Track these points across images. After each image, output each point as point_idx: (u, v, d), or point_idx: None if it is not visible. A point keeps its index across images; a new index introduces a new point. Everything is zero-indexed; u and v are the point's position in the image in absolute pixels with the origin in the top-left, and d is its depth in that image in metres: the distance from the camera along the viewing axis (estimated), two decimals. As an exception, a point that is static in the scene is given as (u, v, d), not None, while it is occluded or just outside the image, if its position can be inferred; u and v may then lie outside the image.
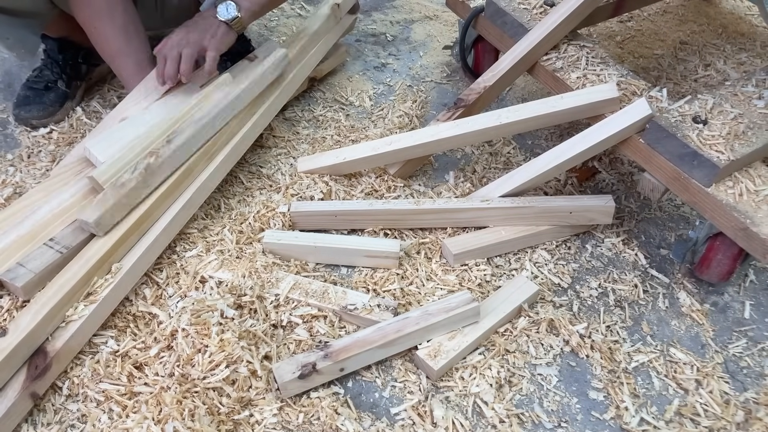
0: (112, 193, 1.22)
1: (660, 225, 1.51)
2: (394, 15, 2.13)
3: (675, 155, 1.27)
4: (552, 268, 1.40)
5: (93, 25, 1.44)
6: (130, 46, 1.46)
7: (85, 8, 1.43)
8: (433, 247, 1.42)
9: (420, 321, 1.21)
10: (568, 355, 1.26)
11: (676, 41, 2.00)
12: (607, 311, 1.34)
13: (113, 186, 1.23)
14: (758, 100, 1.34)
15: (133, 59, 1.46)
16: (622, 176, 1.61)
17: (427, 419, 1.15)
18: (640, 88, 1.41)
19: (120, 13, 1.44)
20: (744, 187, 1.24)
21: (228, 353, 1.14)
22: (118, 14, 1.43)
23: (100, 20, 1.43)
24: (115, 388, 1.13)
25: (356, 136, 1.67)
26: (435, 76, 1.89)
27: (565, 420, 1.17)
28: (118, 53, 1.46)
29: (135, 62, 1.46)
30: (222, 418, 1.09)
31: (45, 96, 1.65)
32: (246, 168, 1.54)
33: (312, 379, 1.14)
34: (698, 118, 1.28)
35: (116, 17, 1.43)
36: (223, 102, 1.40)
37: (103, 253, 1.20)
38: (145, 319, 1.23)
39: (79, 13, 1.45)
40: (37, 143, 1.60)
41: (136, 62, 1.46)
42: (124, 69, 1.47)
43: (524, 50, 1.48)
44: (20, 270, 1.16)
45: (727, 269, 1.32)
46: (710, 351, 1.29)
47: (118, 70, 1.48)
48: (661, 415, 1.18)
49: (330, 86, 1.82)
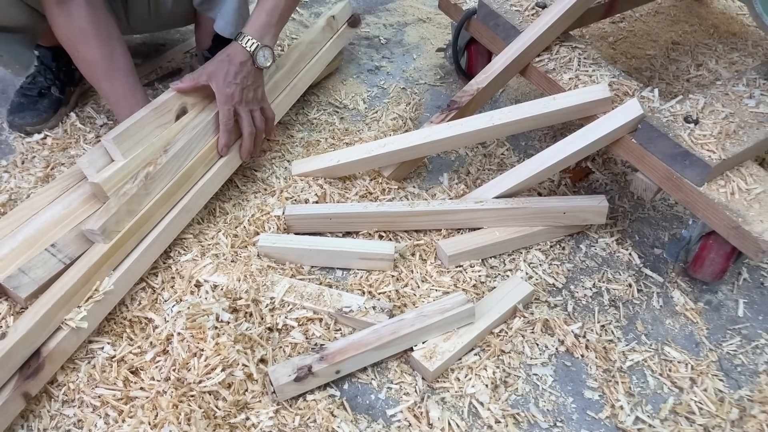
0: (116, 202, 1.23)
1: (654, 224, 1.52)
2: (387, 18, 2.14)
3: (667, 155, 1.28)
4: (546, 269, 1.40)
5: (75, 46, 1.38)
6: (115, 68, 1.40)
7: (65, 26, 1.36)
8: (428, 248, 1.42)
9: (415, 323, 1.21)
10: (563, 355, 1.27)
11: (668, 41, 2.01)
12: (601, 311, 1.34)
13: (116, 195, 1.24)
14: (749, 99, 1.34)
15: (120, 82, 1.41)
16: (615, 176, 1.62)
17: (423, 420, 1.15)
18: (632, 88, 1.42)
19: (103, 30, 1.38)
20: (736, 186, 1.25)
21: (224, 357, 1.15)
22: (101, 32, 1.37)
23: (83, 40, 1.36)
24: (111, 393, 1.13)
25: (350, 139, 1.67)
26: (429, 78, 1.90)
27: (561, 420, 1.18)
28: (104, 77, 1.41)
29: (122, 84, 1.41)
30: (218, 422, 1.10)
31: (39, 102, 1.65)
32: (241, 172, 1.54)
33: (308, 381, 1.15)
34: (690, 118, 1.29)
35: (100, 36, 1.37)
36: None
37: (100, 256, 1.20)
38: (141, 324, 1.23)
39: (59, 31, 1.37)
40: (32, 149, 1.60)
41: (123, 84, 1.42)
42: (111, 93, 1.42)
43: (516, 52, 1.49)
44: (23, 279, 1.17)
45: (720, 268, 1.32)
46: (704, 349, 1.29)
47: (105, 94, 1.43)
48: (656, 414, 1.19)
49: (324, 89, 1.83)
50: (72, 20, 1.35)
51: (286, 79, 1.60)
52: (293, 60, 1.61)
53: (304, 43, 1.65)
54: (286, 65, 1.59)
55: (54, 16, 1.36)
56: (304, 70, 1.65)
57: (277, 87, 1.57)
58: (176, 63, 1.88)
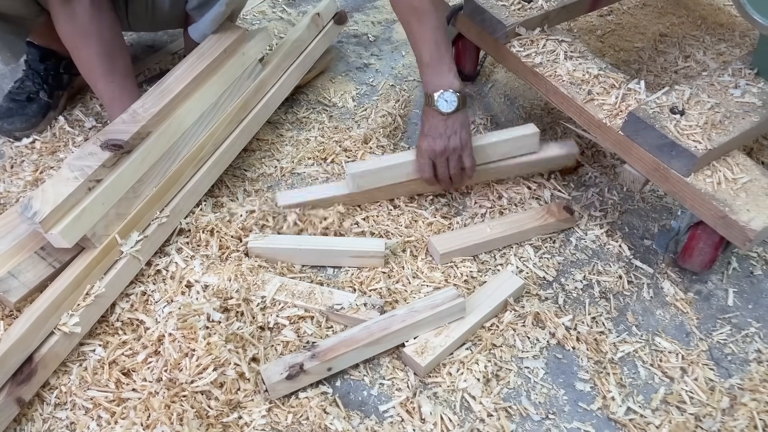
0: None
1: (643, 216, 1.53)
2: (375, 15, 2.14)
3: (654, 146, 1.28)
4: (537, 262, 1.41)
5: (75, 44, 1.38)
6: (114, 69, 1.41)
7: (68, 24, 1.36)
8: (419, 245, 1.42)
9: (406, 318, 1.22)
10: (555, 348, 1.27)
11: (656, 34, 2.02)
12: (592, 303, 1.35)
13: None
14: (734, 89, 1.35)
15: (118, 84, 1.42)
16: (604, 169, 1.62)
17: (416, 415, 1.15)
18: (618, 81, 1.42)
19: (105, 30, 1.38)
20: (722, 176, 1.25)
21: (215, 357, 1.15)
22: (104, 33, 1.38)
23: (84, 39, 1.37)
24: (104, 395, 1.14)
25: (340, 137, 1.67)
26: (417, 75, 1.90)
27: (553, 412, 1.18)
28: (102, 77, 1.41)
29: (119, 87, 1.42)
30: (211, 421, 1.10)
31: (27, 107, 1.64)
32: (230, 171, 1.54)
33: (300, 379, 1.15)
34: (675, 109, 1.29)
35: (102, 36, 1.38)
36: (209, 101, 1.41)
37: (90, 260, 1.20)
38: (132, 326, 1.24)
39: (61, 29, 1.38)
40: (20, 153, 1.60)
41: (120, 87, 1.42)
42: (107, 93, 1.42)
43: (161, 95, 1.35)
44: (13, 282, 1.17)
45: (709, 257, 1.33)
46: (695, 339, 1.30)
47: (101, 93, 1.43)
48: (648, 404, 1.20)
49: (313, 88, 1.83)
50: (75, 20, 1.36)
51: (273, 77, 1.60)
52: (279, 58, 1.61)
53: (289, 42, 1.65)
54: (272, 63, 1.59)
55: (58, 14, 1.37)
56: (290, 69, 1.65)
57: (264, 85, 1.57)
58: (164, 65, 1.88)
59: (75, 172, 1.20)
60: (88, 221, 1.19)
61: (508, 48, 1.52)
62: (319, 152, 1.63)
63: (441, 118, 1.34)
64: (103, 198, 1.22)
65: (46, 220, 1.14)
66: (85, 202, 1.19)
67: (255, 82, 1.54)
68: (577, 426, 1.16)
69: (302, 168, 1.60)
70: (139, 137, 1.28)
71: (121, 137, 1.25)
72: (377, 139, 1.66)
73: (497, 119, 1.75)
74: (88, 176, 1.20)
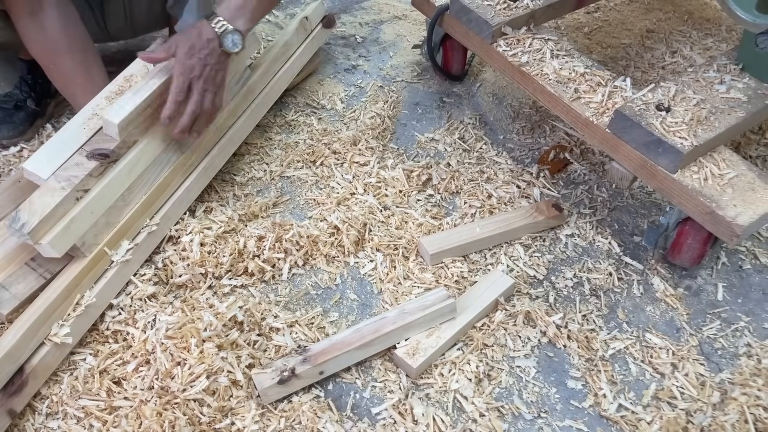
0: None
1: (632, 212, 1.53)
2: (362, 16, 2.14)
3: (640, 143, 1.29)
4: (527, 261, 1.41)
5: (50, 61, 1.35)
6: (91, 79, 1.38)
7: (39, 36, 1.33)
8: (409, 246, 1.43)
9: (397, 320, 1.22)
10: (546, 346, 1.28)
11: (642, 30, 2.02)
12: (582, 300, 1.35)
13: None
14: (720, 84, 1.36)
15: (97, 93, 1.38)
16: (593, 166, 1.63)
17: (408, 417, 1.16)
18: (604, 78, 1.43)
19: (78, 40, 1.35)
20: (709, 172, 1.26)
21: (208, 365, 1.15)
22: (76, 43, 1.35)
23: (57, 55, 1.34)
24: (95, 404, 1.13)
25: (329, 139, 1.67)
26: (406, 75, 1.90)
27: (545, 410, 1.19)
28: (80, 87, 1.38)
29: None
30: (203, 428, 1.10)
31: (15, 116, 1.64)
32: (219, 176, 1.54)
33: (291, 383, 1.15)
34: (661, 106, 1.30)
35: (74, 46, 1.35)
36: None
37: (81, 269, 1.20)
38: (123, 334, 1.23)
39: (33, 46, 1.34)
40: (8, 162, 1.59)
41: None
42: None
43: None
44: (4, 294, 1.17)
45: (698, 253, 1.33)
46: (685, 334, 1.31)
47: (81, 105, 1.37)
48: (639, 400, 1.20)
49: (301, 90, 1.83)
50: (45, 32, 1.33)
51: (261, 82, 1.60)
52: (268, 62, 1.61)
53: (278, 46, 1.65)
54: (261, 68, 1.59)
55: (25, 28, 1.34)
56: (279, 73, 1.65)
57: (252, 90, 1.57)
58: (152, 70, 1.88)
59: (62, 183, 1.20)
60: (77, 231, 1.19)
61: (495, 47, 1.52)
62: (308, 155, 1.63)
63: (218, 49, 1.26)
64: (91, 207, 1.21)
65: (35, 231, 1.14)
66: (74, 211, 1.19)
67: (244, 88, 1.54)
68: (569, 424, 1.17)
69: (291, 171, 1.59)
70: (125, 146, 1.28)
71: (107, 146, 1.24)
72: (366, 141, 1.66)
73: (486, 118, 1.76)
74: (75, 186, 1.19)
